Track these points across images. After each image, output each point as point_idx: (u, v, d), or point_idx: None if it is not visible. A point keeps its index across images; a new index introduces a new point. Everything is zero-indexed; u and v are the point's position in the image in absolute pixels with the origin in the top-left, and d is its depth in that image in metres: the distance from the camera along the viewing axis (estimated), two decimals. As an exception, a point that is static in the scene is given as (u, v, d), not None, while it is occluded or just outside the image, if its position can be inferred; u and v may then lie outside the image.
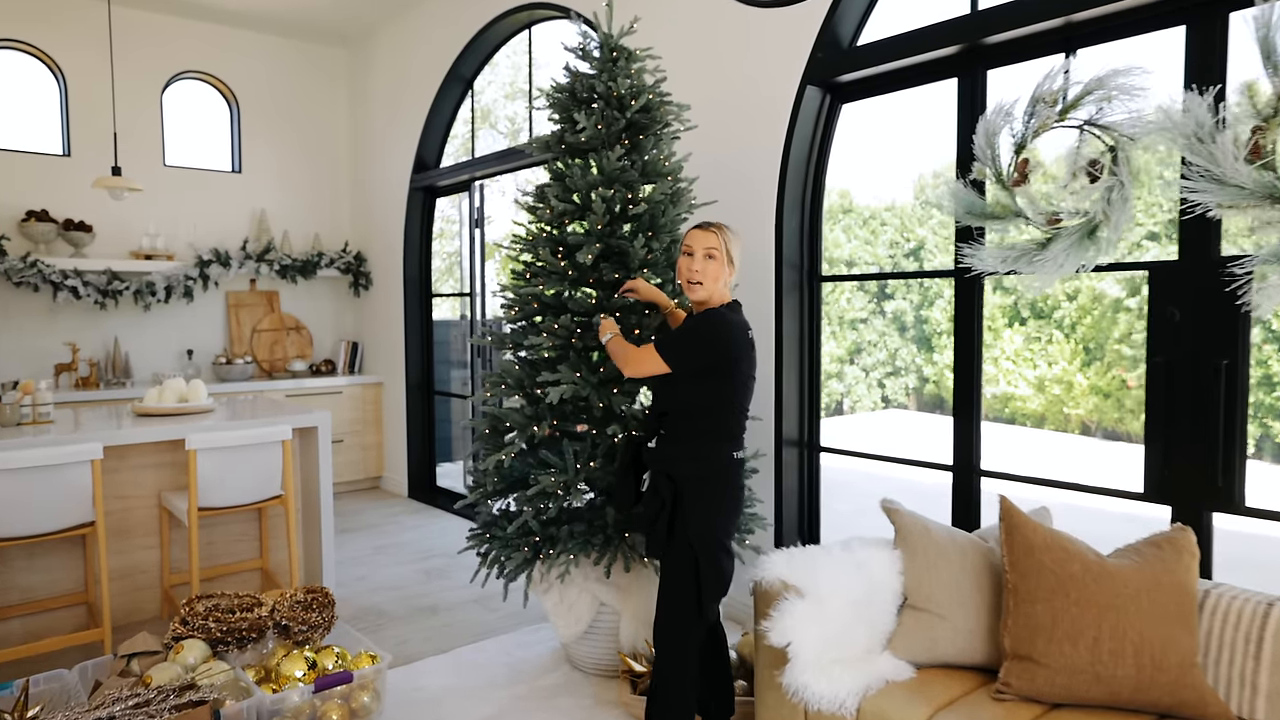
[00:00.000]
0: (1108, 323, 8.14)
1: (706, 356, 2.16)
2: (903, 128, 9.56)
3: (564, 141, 2.87)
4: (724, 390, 2.17)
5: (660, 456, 2.25)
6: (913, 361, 10.39)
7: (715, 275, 2.22)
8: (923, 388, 10.36)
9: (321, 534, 3.71)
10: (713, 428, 2.19)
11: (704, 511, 2.17)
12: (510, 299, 2.89)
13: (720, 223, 2.28)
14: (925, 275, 3.66)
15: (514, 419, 2.73)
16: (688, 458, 2.19)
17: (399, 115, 5.65)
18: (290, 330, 5.92)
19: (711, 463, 2.19)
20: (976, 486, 2.89)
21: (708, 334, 2.15)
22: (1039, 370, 8.70)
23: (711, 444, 2.19)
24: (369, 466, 5.95)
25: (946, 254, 10.40)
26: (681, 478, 2.19)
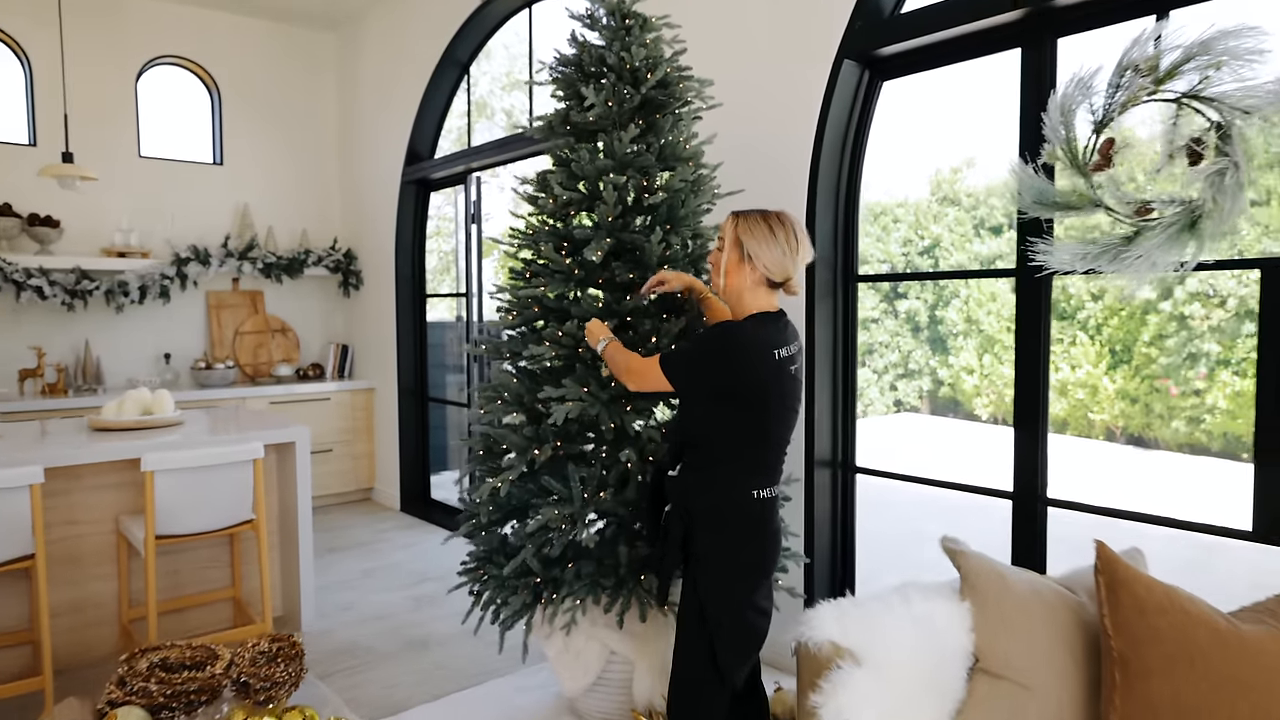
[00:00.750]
0: (1136, 324, 7.78)
1: (716, 378, 1.81)
2: (918, 119, 9.18)
3: (569, 121, 2.51)
4: (745, 420, 1.81)
5: (678, 487, 1.91)
6: (926, 364, 10.03)
7: (720, 269, 1.90)
8: (937, 391, 9.99)
9: (300, 560, 3.35)
10: (732, 458, 1.83)
11: (719, 558, 1.82)
12: (508, 302, 2.53)
13: (756, 210, 1.91)
14: (984, 275, 3.28)
15: (511, 440, 2.37)
16: (702, 490, 1.84)
17: (390, 103, 5.29)
18: (275, 333, 5.56)
19: (729, 498, 1.84)
20: (1042, 518, 2.53)
21: (716, 351, 1.81)
22: (1061, 373, 8.33)
23: (730, 477, 1.84)
24: (359, 478, 5.59)
25: (963, 252, 10.05)
26: (695, 513, 1.84)
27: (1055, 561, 2.50)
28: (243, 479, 2.94)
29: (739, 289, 1.87)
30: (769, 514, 1.88)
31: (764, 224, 1.87)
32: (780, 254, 1.86)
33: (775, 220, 1.89)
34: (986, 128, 9.13)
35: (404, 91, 5.13)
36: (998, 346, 9.20)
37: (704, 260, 2.53)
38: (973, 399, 9.33)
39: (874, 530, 5.21)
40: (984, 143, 9.26)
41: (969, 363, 9.31)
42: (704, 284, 2.32)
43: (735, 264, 1.85)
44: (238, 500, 2.94)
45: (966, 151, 9.84)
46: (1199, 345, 7.19)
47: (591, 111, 2.42)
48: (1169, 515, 2.32)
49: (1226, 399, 7.14)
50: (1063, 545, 2.60)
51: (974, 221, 9.33)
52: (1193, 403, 7.30)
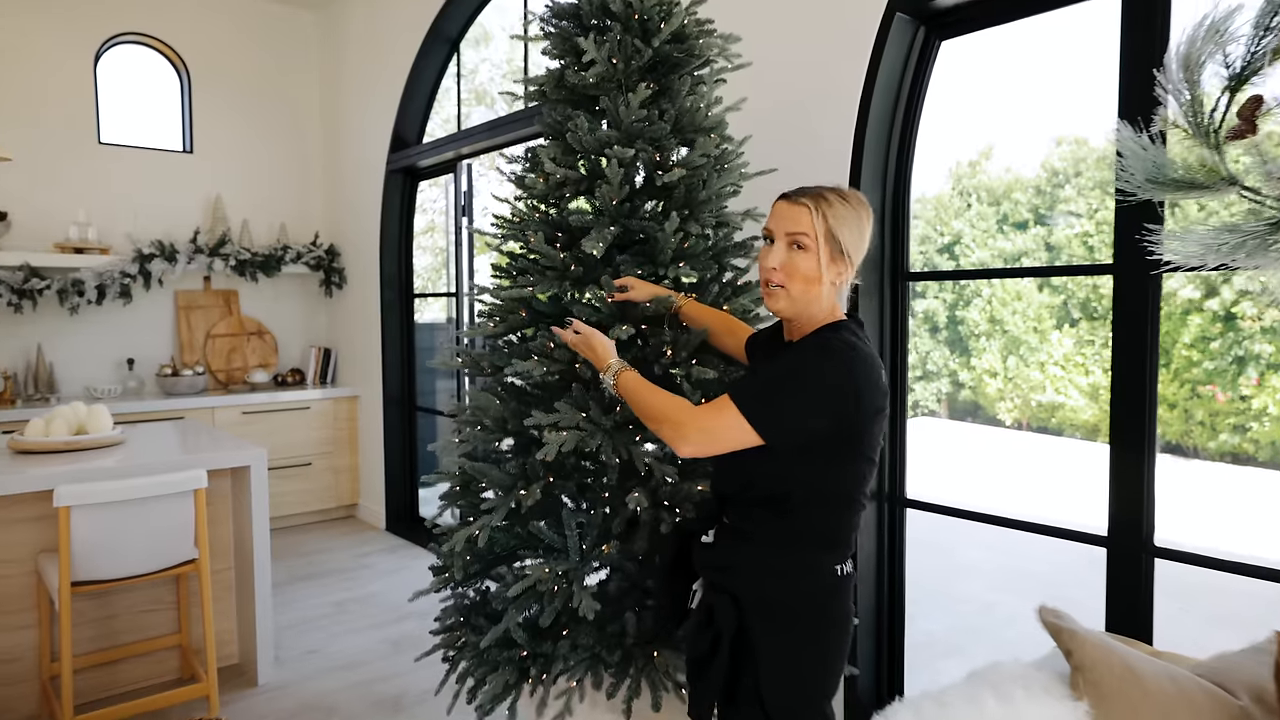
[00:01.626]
0: (1175, 325, 7.30)
1: (839, 420, 1.31)
2: (933, 112, 8.71)
3: (564, 83, 2.05)
4: (850, 474, 1.35)
5: (719, 562, 1.43)
6: (945, 365, 9.53)
7: (807, 277, 1.37)
8: (957, 394, 9.50)
9: (256, 602, 2.90)
10: (812, 527, 1.36)
11: (792, 662, 1.35)
12: (489, 305, 2.08)
13: (826, 189, 1.41)
14: (1073, 271, 2.77)
15: (493, 477, 1.91)
16: (766, 572, 1.37)
17: (374, 85, 4.84)
18: (251, 335, 5.12)
19: (808, 583, 1.37)
20: (1148, 572, 2.06)
21: (835, 378, 1.30)
22: (1092, 377, 7.84)
23: (806, 552, 1.37)
24: (342, 494, 5.15)
25: (985, 249, 9.55)
26: (752, 603, 1.37)
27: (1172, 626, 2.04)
28: (181, 513, 2.49)
29: (823, 295, 1.40)
30: (849, 593, 1.41)
31: (851, 208, 1.40)
32: (866, 240, 1.42)
33: (854, 198, 1.42)
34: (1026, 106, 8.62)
35: (388, 71, 4.68)
36: (1023, 348, 8.70)
37: (729, 255, 2.07)
38: (995, 403, 8.86)
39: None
40: (1007, 129, 8.81)
41: (992, 365, 8.84)
42: (669, 292, 1.86)
43: (829, 263, 1.37)
44: (176, 537, 2.50)
45: (982, 143, 9.37)
46: (1249, 347, 6.70)
47: (592, 70, 1.96)
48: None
49: (1279, 405, 6.65)
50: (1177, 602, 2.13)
51: (997, 217, 8.85)
52: (1238, 408, 6.82)
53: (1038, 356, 8.30)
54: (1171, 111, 1.89)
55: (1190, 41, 1.86)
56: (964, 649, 3.56)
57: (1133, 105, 2.03)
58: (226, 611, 3.02)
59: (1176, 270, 1.91)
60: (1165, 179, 1.97)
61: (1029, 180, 8.74)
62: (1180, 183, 1.97)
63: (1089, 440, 8.15)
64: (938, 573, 4.64)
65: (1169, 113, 1.91)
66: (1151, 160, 1.96)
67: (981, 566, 4.80)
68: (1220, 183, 1.92)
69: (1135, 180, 1.95)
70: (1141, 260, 2.03)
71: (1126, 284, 2.07)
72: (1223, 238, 1.89)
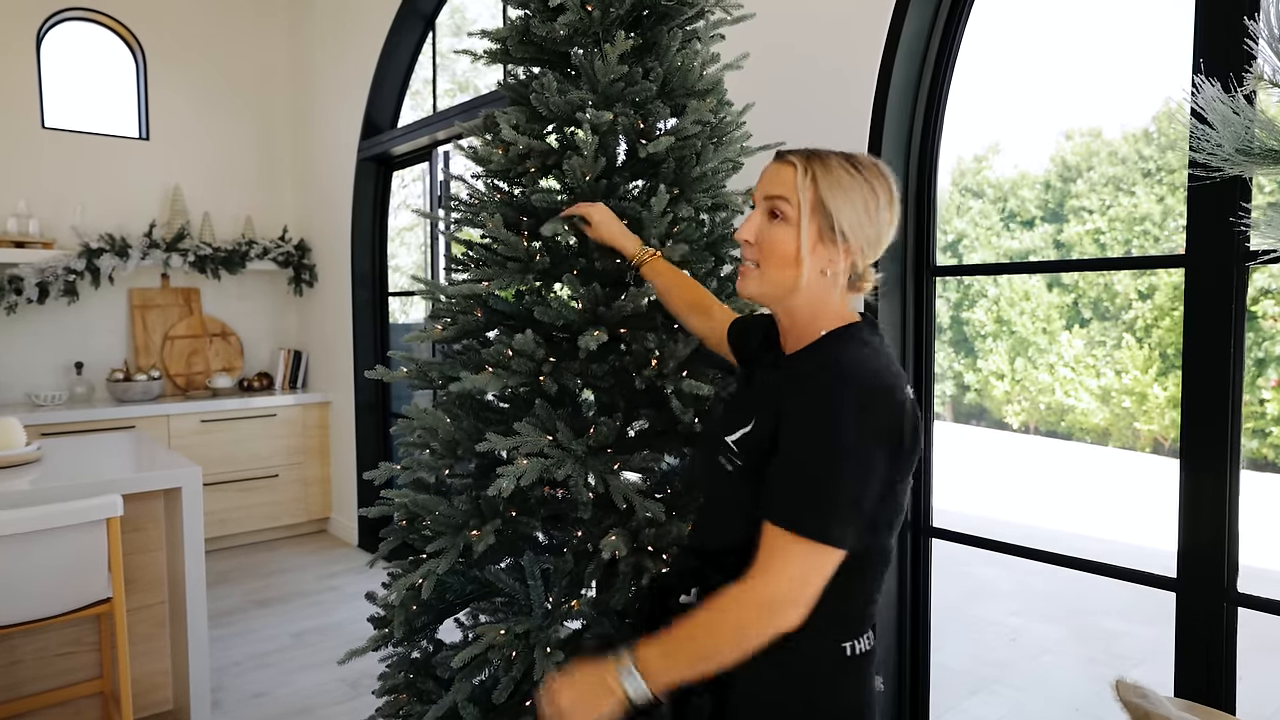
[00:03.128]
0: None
1: (884, 479, 0.97)
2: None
3: (530, 36, 1.70)
4: (886, 519, 1.01)
5: None
6: (950, 367, 9.19)
7: (783, 257, 1.03)
8: (962, 396, 9.15)
9: (190, 641, 2.55)
10: (827, 599, 1.01)
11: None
12: (440, 304, 1.73)
13: (824, 152, 1.07)
14: (1142, 264, 2.43)
15: (441, 513, 1.57)
16: (763, 652, 1.02)
17: (344, 66, 4.49)
18: (214, 337, 4.77)
19: (812, 668, 1.03)
20: (1230, 622, 1.72)
21: (874, 411, 0.95)
22: (1104, 379, 7.51)
23: (819, 627, 1.02)
24: (313, 507, 4.79)
25: (989, 248, 9.23)
26: (743, 696, 1.03)
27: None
28: (92, 545, 2.14)
29: (815, 286, 1.06)
30: (866, 677, 1.07)
31: (858, 176, 1.05)
32: (880, 225, 1.06)
33: (867, 168, 1.08)
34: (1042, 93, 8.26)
35: (359, 50, 4.33)
36: (1032, 349, 8.37)
37: (726, 244, 1.74)
38: (1003, 406, 8.53)
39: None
40: (1014, 122, 8.47)
41: (999, 367, 8.50)
42: (637, 240, 1.51)
43: (815, 243, 1.04)
44: (87, 573, 2.15)
45: (988, 139, 9.04)
46: (1269, 349, 6.38)
47: (562, 19, 1.61)
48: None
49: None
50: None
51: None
52: (1253, 412, 6.50)
53: (1047, 358, 7.99)
54: (1269, 67, 1.52)
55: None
56: (991, 685, 3.22)
57: (1213, 63, 1.68)
58: (160, 651, 2.68)
59: (1276, 261, 1.57)
60: (1260, 149, 1.59)
61: (1037, 176, 8.43)
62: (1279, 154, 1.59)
63: (1099, 445, 7.84)
64: (953, 594, 4.31)
65: (1264, 68, 1.54)
66: (1244, 126, 1.59)
67: (999, 586, 4.47)
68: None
69: (1223, 151, 1.58)
70: (1224, 249, 1.70)
71: (1203, 277, 1.73)
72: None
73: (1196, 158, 1.52)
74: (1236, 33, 1.63)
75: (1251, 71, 1.47)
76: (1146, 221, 7.22)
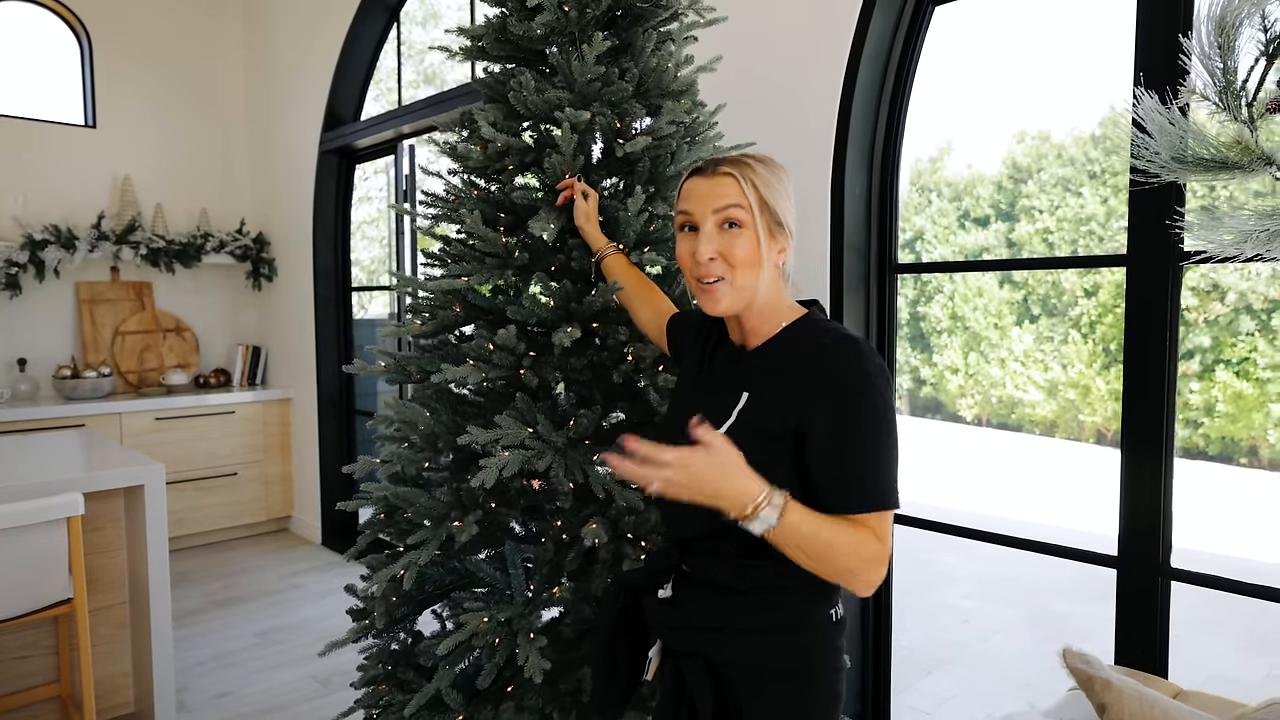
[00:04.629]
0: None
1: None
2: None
3: (507, 35, 1.73)
4: None
5: (696, 621, 1.13)
6: (906, 361, 9.43)
7: (750, 261, 1.08)
8: (919, 390, 9.39)
9: (153, 641, 2.52)
10: (805, 570, 1.08)
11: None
12: (419, 299, 1.75)
13: (741, 155, 1.14)
14: (1088, 263, 2.54)
15: (421, 505, 1.59)
16: (759, 627, 1.08)
17: (306, 54, 4.42)
18: (168, 333, 4.66)
19: (806, 638, 1.09)
20: (1163, 596, 1.84)
21: (886, 389, 1.04)
22: (1051, 373, 7.80)
23: (806, 601, 1.09)
24: (273, 506, 4.72)
25: (945, 244, 9.48)
26: (742, 671, 1.08)
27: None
28: (52, 545, 2.10)
29: (769, 281, 1.12)
30: (843, 641, 1.15)
31: (775, 171, 1.14)
32: (794, 210, 1.16)
33: (773, 162, 1.16)
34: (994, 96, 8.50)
35: (321, 39, 4.27)
36: (984, 345, 8.64)
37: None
38: (957, 399, 8.79)
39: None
40: (968, 124, 8.71)
41: (953, 361, 8.76)
42: (606, 239, 1.58)
43: (769, 240, 1.10)
44: (46, 574, 2.11)
45: (941, 138, 9.27)
46: (1195, 340, 6.71)
47: (539, 19, 1.64)
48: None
49: (1226, 401, 6.68)
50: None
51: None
52: (1186, 403, 6.82)
53: (998, 353, 8.25)
54: (1200, 82, 1.62)
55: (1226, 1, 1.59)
56: (946, 664, 3.35)
57: (1152, 76, 1.79)
58: (120, 653, 2.63)
59: (1206, 261, 1.68)
60: (1193, 158, 1.70)
61: (990, 176, 8.70)
62: (1210, 162, 1.70)
63: (1047, 436, 8.14)
64: (910, 579, 4.45)
65: (1196, 83, 1.64)
66: (1178, 136, 1.70)
67: (956, 572, 4.62)
68: (1256, 162, 1.66)
69: (1160, 160, 1.68)
70: (1160, 250, 1.80)
71: (1143, 276, 1.84)
72: (1264, 224, 1.64)
73: (1137, 164, 1.63)
74: (1173, 49, 1.73)
75: (1185, 85, 1.58)
76: (1092, 222, 7.53)
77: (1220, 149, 1.66)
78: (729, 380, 1.13)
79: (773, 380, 1.07)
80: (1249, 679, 3.46)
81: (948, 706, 2.97)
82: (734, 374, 1.14)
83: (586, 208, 1.59)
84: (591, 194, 1.60)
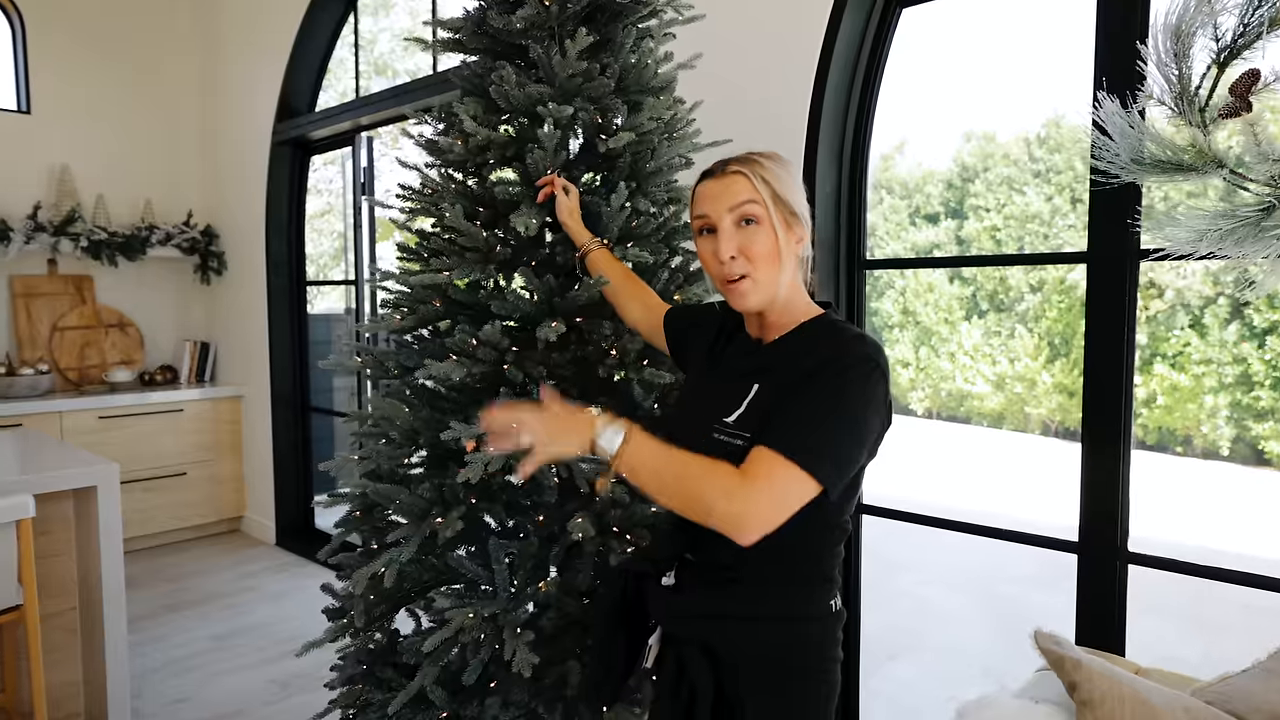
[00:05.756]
0: (1075, 316, 7.57)
1: (872, 447, 1.08)
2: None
3: (486, 28, 1.71)
4: (844, 496, 1.10)
5: (700, 609, 1.15)
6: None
7: (769, 255, 1.10)
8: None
9: (106, 647, 2.43)
10: (809, 560, 1.11)
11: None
12: (396, 293, 1.72)
13: (753, 154, 1.16)
14: (1050, 260, 2.63)
15: (403, 502, 1.57)
16: (761, 616, 1.11)
17: (258, 42, 4.29)
18: (111, 328, 4.48)
19: (806, 629, 1.12)
20: (1121, 580, 1.92)
21: (876, 396, 1.05)
22: (999, 367, 8.09)
23: (807, 592, 1.11)
24: (224, 505, 4.59)
25: (897, 240, 9.71)
26: (743, 660, 1.10)
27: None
28: (1, 550, 2.01)
29: (790, 275, 1.14)
30: (840, 629, 1.18)
31: (782, 164, 1.16)
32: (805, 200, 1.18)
33: (782, 158, 1.18)
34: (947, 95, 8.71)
35: (274, 26, 4.15)
36: (934, 339, 8.90)
37: (679, 236, 1.79)
38: (908, 393, 9.04)
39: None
40: (919, 124, 8.93)
41: (904, 356, 9.01)
42: (590, 234, 1.58)
43: (786, 232, 1.12)
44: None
45: (895, 136, 9.49)
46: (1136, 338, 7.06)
47: (519, 13, 1.63)
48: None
49: (1164, 393, 7.01)
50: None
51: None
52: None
53: (948, 347, 8.51)
54: (1157, 88, 1.70)
55: (1182, 10, 1.67)
56: (909, 650, 3.45)
57: (1113, 81, 1.86)
58: (70, 661, 2.53)
59: (1165, 258, 1.76)
60: (1150, 160, 1.78)
61: (940, 174, 8.95)
62: (1166, 164, 1.78)
63: (995, 428, 8.44)
64: (868, 568, 4.55)
65: (1154, 88, 1.72)
66: (1137, 138, 1.77)
67: (911, 560, 4.75)
68: (1209, 165, 1.74)
69: (1120, 161, 1.76)
70: (1120, 248, 1.88)
71: (1103, 273, 1.92)
72: (1217, 223, 1.72)
73: (1098, 165, 1.70)
74: (1132, 55, 1.81)
75: (1144, 90, 1.66)
76: (1036, 220, 7.82)
77: (1176, 152, 1.75)
78: (743, 371, 1.15)
79: (788, 370, 1.09)
80: (1189, 658, 3.64)
81: (910, 690, 3.05)
82: (748, 365, 1.15)
83: (569, 203, 1.59)
84: (572, 189, 1.60)
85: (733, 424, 1.08)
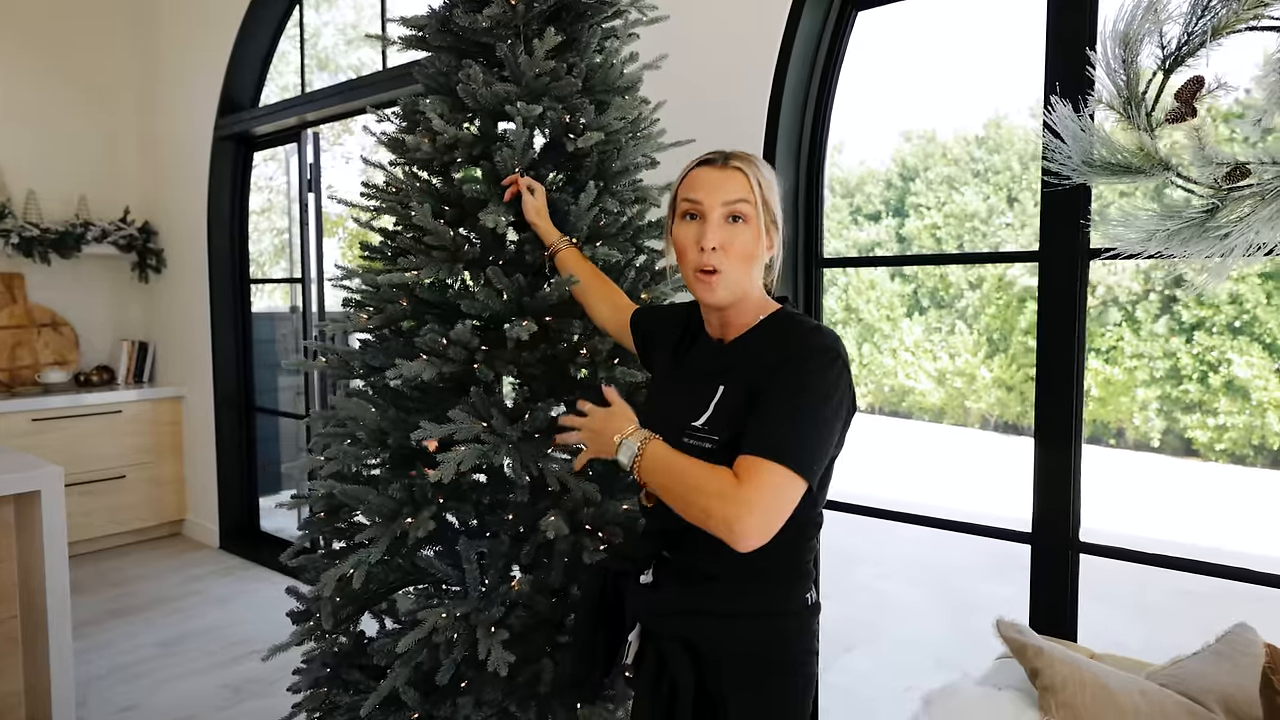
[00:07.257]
0: (1013, 313, 7.86)
1: (841, 433, 1.13)
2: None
3: (451, 26, 1.70)
4: (826, 480, 1.14)
5: (679, 606, 1.17)
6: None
7: (747, 255, 1.13)
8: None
9: (51, 656, 2.34)
10: (786, 555, 1.14)
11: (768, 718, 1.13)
12: (360, 291, 1.70)
13: (746, 152, 1.20)
14: (1004, 259, 2.73)
15: (371, 503, 1.56)
16: (739, 613, 1.14)
17: (199, 35, 4.15)
18: (42, 328, 4.28)
19: (784, 624, 1.15)
20: (1073, 568, 2.02)
21: (840, 386, 1.09)
22: (940, 362, 8.35)
23: (783, 585, 1.15)
24: (165, 509, 4.44)
25: (839, 239, 9.91)
26: (725, 656, 1.13)
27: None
28: (-62, 560, 1.92)
29: (756, 275, 1.18)
30: (817, 622, 1.22)
31: (771, 171, 1.21)
32: None
33: (769, 165, 1.23)
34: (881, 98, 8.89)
35: (216, 22, 4.02)
36: (877, 335, 9.13)
37: (644, 235, 1.82)
38: (853, 388, 9.27)
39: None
40: (856, 124, 9.12)
41: (848, 352, 9.21)
42: (559, 233, 1.59)
43: (764, 236, 1.16)
44: (-69, 592, 1.92)
45: (845, 136, 9.69)
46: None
47: (486, 11, 1.63)
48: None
49: (1098, 386, 7.34)
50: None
51: (850, 208, 9.21)
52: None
53: (890, 343, 8.74)
54: (1106, 93, 1.80)
55: (1129, 18, 1.76)
56: (867, 642, 3.54)
57: (1064, 85, 1.95)
58: (12, 670, 2.42)
59: (1115, 257, 1.85)
60: (1100, 162, 1.88)
61: (880, 173, 9.17)
62: (1115, 167, 1.88)
63: (935, 422, 8.71)
64: (824, 562, 4.66)
65: (1103, 93, 1.81)
66: (1088, 141, 1.87)
67: (861, 552, 4.87)
68: (1155, 168, 1.85)
69: (1071, 163, 1.85)
70: (1070, 247, 1.97)
71: (1054, 271, 2.01)
72: (1164, 224, 1.82)
73: (1050, 167, 1.79)
74: (1082, 60, 1.90)
75: (1094, 95, 1.75)
76: (975, 218, 8.10)
77: (1125, 154, 1.85)
78: (707, 372, 1.17)
79: (751, 369, 1.12)
80: (1132, 644, 3.84)
81: (867, 681, 3.14)
82: (712, 366, 1.18)
83: (535, 202, 1.59)
84: (538, 188, 1.61)
85: (701, 427, 1.11)
